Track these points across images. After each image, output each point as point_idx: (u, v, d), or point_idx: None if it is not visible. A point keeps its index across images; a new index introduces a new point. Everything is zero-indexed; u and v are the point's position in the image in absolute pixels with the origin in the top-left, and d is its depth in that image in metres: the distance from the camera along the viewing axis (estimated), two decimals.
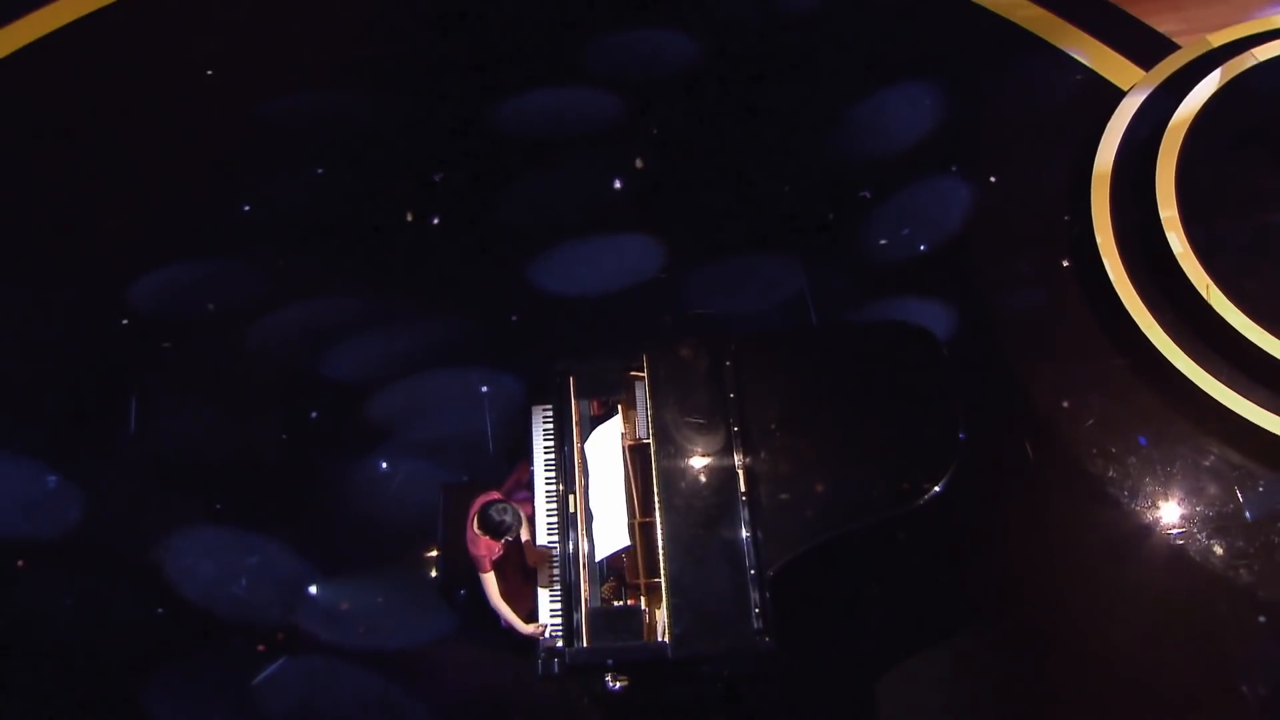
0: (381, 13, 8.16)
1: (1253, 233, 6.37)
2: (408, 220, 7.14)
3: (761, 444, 5.23)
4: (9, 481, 6.38)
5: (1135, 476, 6.10)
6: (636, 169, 7.22)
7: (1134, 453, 6.15)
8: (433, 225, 7.10)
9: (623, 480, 5.18)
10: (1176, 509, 5.98)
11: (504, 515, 4.91)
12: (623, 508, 5.09)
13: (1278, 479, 5.98)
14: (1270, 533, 5.84)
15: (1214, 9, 7.43)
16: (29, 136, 7.61)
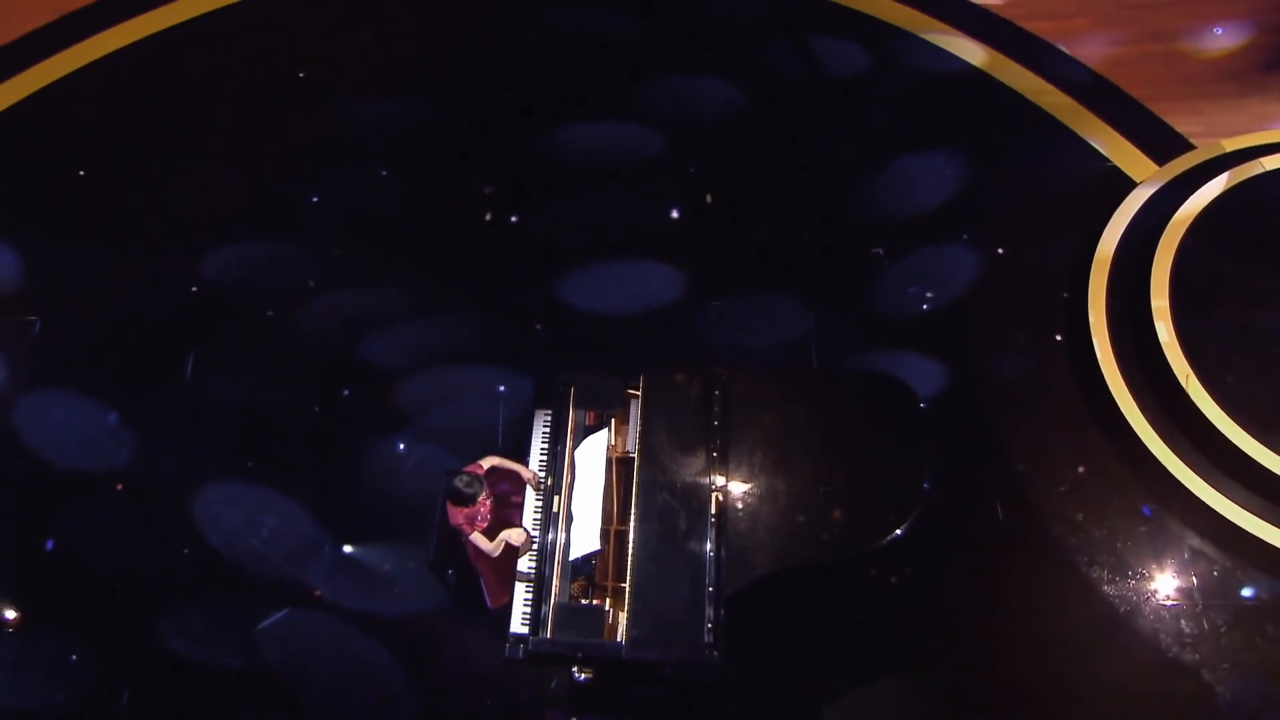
0: (459, 37, 8.24)
1: (1239, 332, 6.16)
2: (486, 220, 7.20)
3: (737, 472, 5.20)
4: (74, 418, 6.59)
5: (1098, 546, 5.91)
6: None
7: (1098, 524, 5.98)
8: (489, 227, 7.18)
9: (603, 488, 5.17)
10: (1131, 581, 5.80)
11: (469, 487, 4.89)
12: (599, 513, 5.10)
13: (1232, 564, 5.79)
14: (1217, 615, 5.65)
15: (1232, 116, 7.24)
16: (140, 118, 7.85)
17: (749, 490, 5.17)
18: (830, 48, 7.95)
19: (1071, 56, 7.69)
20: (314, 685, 5.67)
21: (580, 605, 4.93)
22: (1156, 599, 5.74)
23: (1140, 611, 5.70)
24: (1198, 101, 7.37)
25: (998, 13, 7.96)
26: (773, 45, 8.00)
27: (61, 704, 5.69)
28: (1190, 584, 5.75)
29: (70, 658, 5.80)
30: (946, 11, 7.99)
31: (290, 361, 6.75)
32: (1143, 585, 5.78)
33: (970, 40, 7.84)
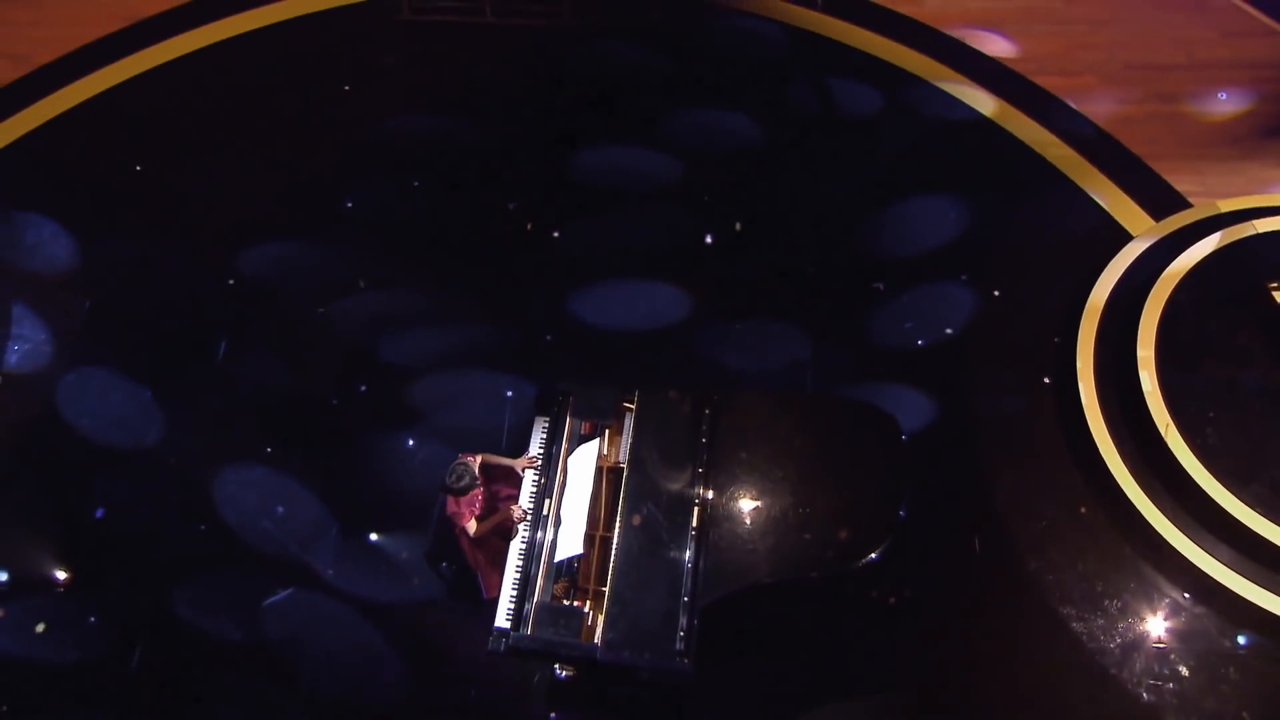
0: (497, 62, 8.30)
1: (1220, 387, 6.04)
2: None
3: (721, 489, 5.15)
4: (112, 395, 6.69)
5: (1069, 585, 5.82)
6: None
7: (1072, 563, 5.90)
8: (508, 239, 7.20)
9: (590, 495, 5.15)
10: (1100, 621, 5.68)
11: (460, 480, 4.96)
12: (584, 518, 5.07)
13: (1201, 611, 5.67)
14: (1181, 660, 5.54)
15: (1229, 179, 7.11)
16: (195, 120, 7.99)
17: (731, 507, 5.12)
18: (848, 89, 7.91)
19: (1079, 112, 7.60)
20: (310, 663, 5.68)
21: (561, 606, 4.89)
22: (1124, 640, 5.61)
23: (1107, 651, 5.56)
24: (1198, 162, 7.25)
25: (1010, 66, 7.90)
26: (793, 84, 7.98)
27: (77, 660, 5.77)
28: (1158, 628, 5.63)
29: (89, 619, 5.92)
30: (961, 62, 7.94)
31: (314, 355, 6.80)
32: (1111, 625, 5.66)
33: (982, 91, 7.78)
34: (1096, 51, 7.91)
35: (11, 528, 6.22)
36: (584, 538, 5.03)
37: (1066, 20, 8.12)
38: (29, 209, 7.46)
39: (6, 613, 5.87)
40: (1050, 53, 7.94)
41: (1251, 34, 7.83)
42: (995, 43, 8.05)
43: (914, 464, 5.82)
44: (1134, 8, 8.11)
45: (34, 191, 7.59)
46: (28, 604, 5.93)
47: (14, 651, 5.80)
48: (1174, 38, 7.89)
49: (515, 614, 4.88)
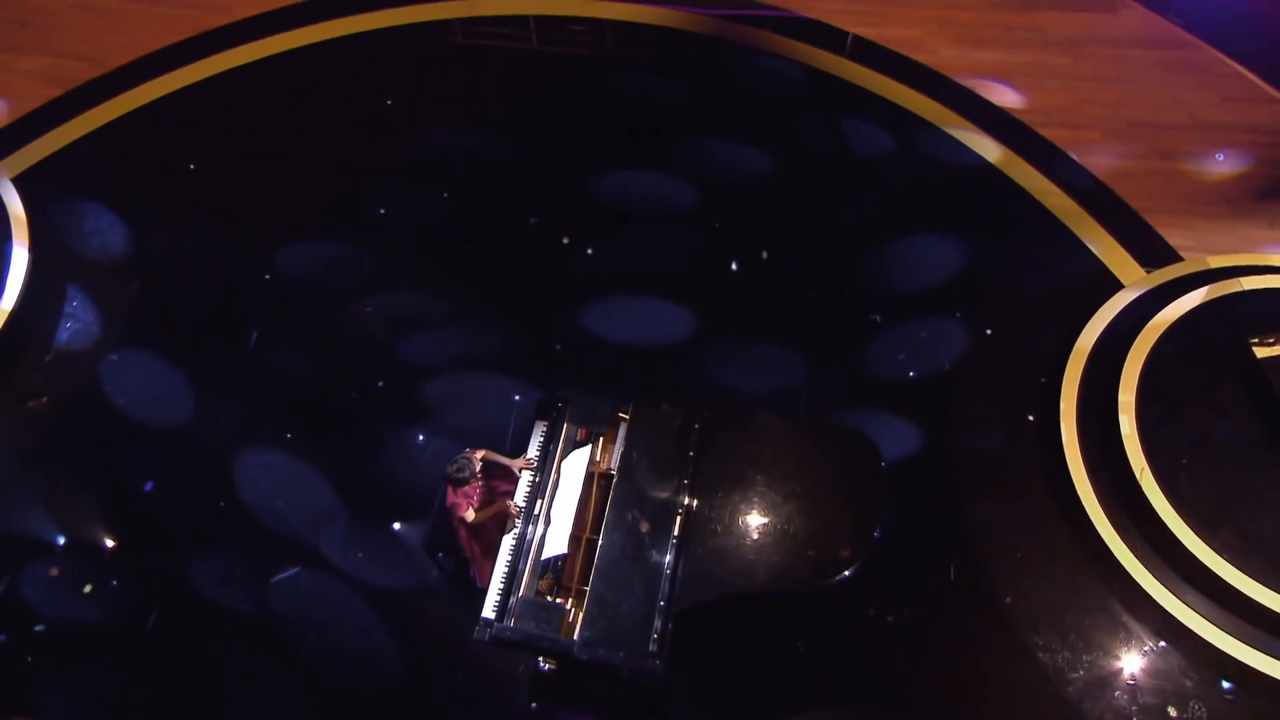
0: (530, 89, 8.36)
1: (1196, 435, 5.93)
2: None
3: (705, 500, 5.14)
4: (149, 376, 6.80)
5: (1038, 616, 5.74)
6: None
7: (1043, 595, 5.81)
8: (528, 253, 7.24)
9: (580, 498, 5.15)
10: (1066, 654, 5.56)
11: (460, 472, 4.98)
12: (572, 520, 5.08)
13: (1164, 651, 5.55)
14: (1144, 696, 5.43)
15: (1221, 236, 7.00)
16: (246, 125, 8.13)
17: (712, 519, 5.09)
18: (860, 130, 7.89)
19: (1080, 164, 7.51)
20: (310, 639, 5.72)
21: (544, 601, 4.90)
22: (1088, 674, 5.51)
23: (1071, 682, 5.46)
24: (1192, 219, 7.14)
25: (1018, 116, 7.84)
26: (808, 121, 7.98)
27: (98, 619, 5.87)
28: (1122, 664, 5.52)
29: (111, 582, 6.02)
30: (970, 110, 7.88)
31: (337, 350, 6.86)
32: (1077, 659, 5.55)
33: (989, 138, 7.73)
34: (1102, 108, 7.84)
35: (57, 494, 6.36)
36: (570, 538, 5.03)
37: (1075, 77, 8.06)
38: (90, 199, 7.65)
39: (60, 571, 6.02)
40: (1057, 106, 7.88)
41: (1252, 100, 7.72)
42: (1005, 94, 8.00)
43: (891, 488, 5.82)
44: (1141, 68, 8.03)
45: (98, 183, 7.78)
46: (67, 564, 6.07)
47: (44, 607, 5.92)
48: (1177, 99, 7.80)
49: (501, 606, 4.89)
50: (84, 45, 8.62)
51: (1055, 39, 8.29)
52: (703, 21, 8.64)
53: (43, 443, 6.59)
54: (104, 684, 5.68)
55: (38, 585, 5.99)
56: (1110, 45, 8.20)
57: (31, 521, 6.25)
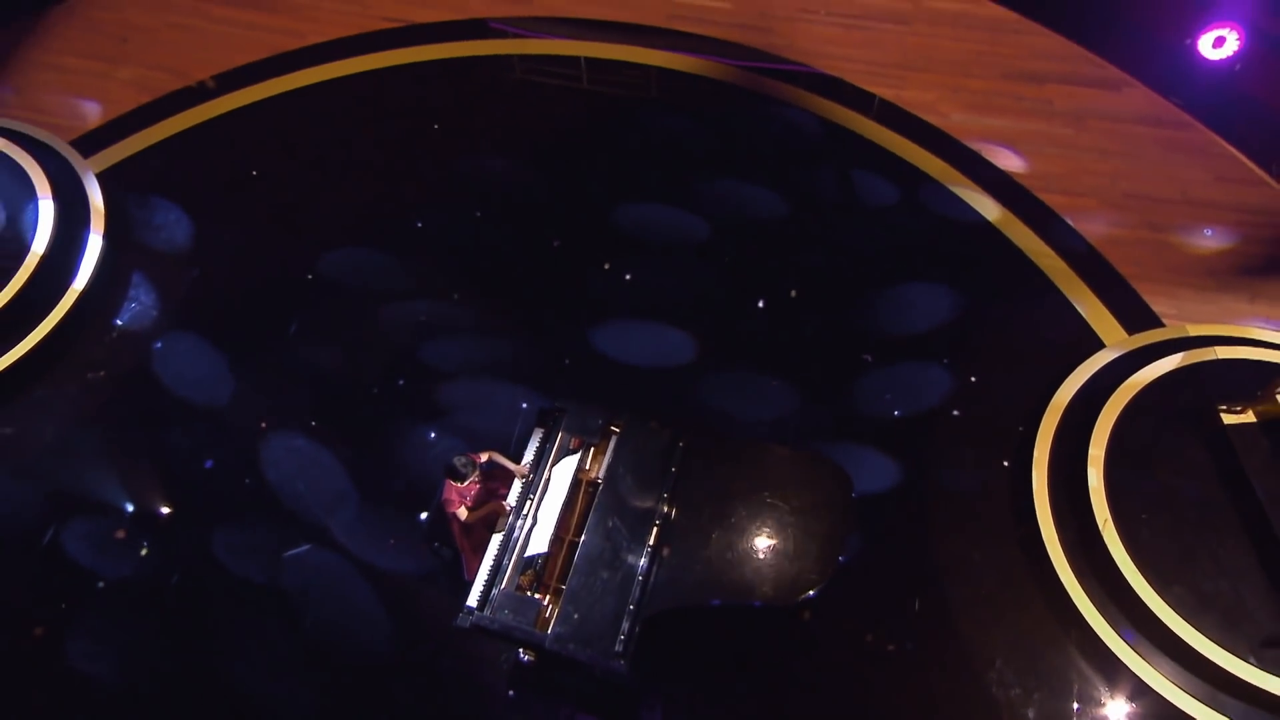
0: (564, 122, 8.46)
1: (1160, 493, 5.78)
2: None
3: (682, 515, 5.13)
4: (196, 358, 6.95)
5: (995, 652, 5.60)
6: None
7: (1002, 632, 5.70)
8: (548, 272, 7.29)
9: (566, 502, 5.16)
10: (1017, 691, 5.44)
11: (464, 467, 5.00)
12: (555, 522, 5.08)
13: (1112, 697, 5.42)
14: None
15: (1203, 307, 6.85)
16: (305, 138, 8.32)
17: (688, 532, 5.07)
18: (869, 181, 7.87)
19: (1074, 229, 7.42)
20: (313, 611, 5.79)
21: (523, 596, 4.90)
22: (1038, 711, 5.39)
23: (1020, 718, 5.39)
24: (1176, 288, 7.00)
25: (1019, 180, 7.78)
26: (821, 171, 7.97)
27: (127, 576, 6.00)
28: (1072, 705, 5.41)
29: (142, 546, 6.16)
30: (975, 171, 7.83)
31: (365, 348, 6.94)
32: (1028, 697, 5.44)
33: (990, 198, 7.68)
34: (1099, 178, 7.75)
35: (106, 458, 6.55)
36: (553, 539, 5.04)
37: (1077, 147, 7.99)
38: (163, 196, 7.89)
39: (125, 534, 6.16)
40: (1057, 173, 7.81)
41: (1243, 181, 7.59)
42: (1009, 158, 7.95)
43: (859, 518, 5.78)
44: (1140, 144, 7.94)
45: (171, 182, 8.01)
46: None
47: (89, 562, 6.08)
48: (1172, 175, 7.69)
49: (483, 597, 4.90)
50: (173, 59, 8.89)
51: (1061, 111, 8.24)
52: (733, 72, 8.72)
53: (97, 411, 6.77)
54: (125, 634, 5.80)
55: (85, 538, 6.14)
56: (1112, 120, 8.12)
57: (82, 480, 6.42)
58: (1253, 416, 5.83)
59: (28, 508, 6.31)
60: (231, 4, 9.34)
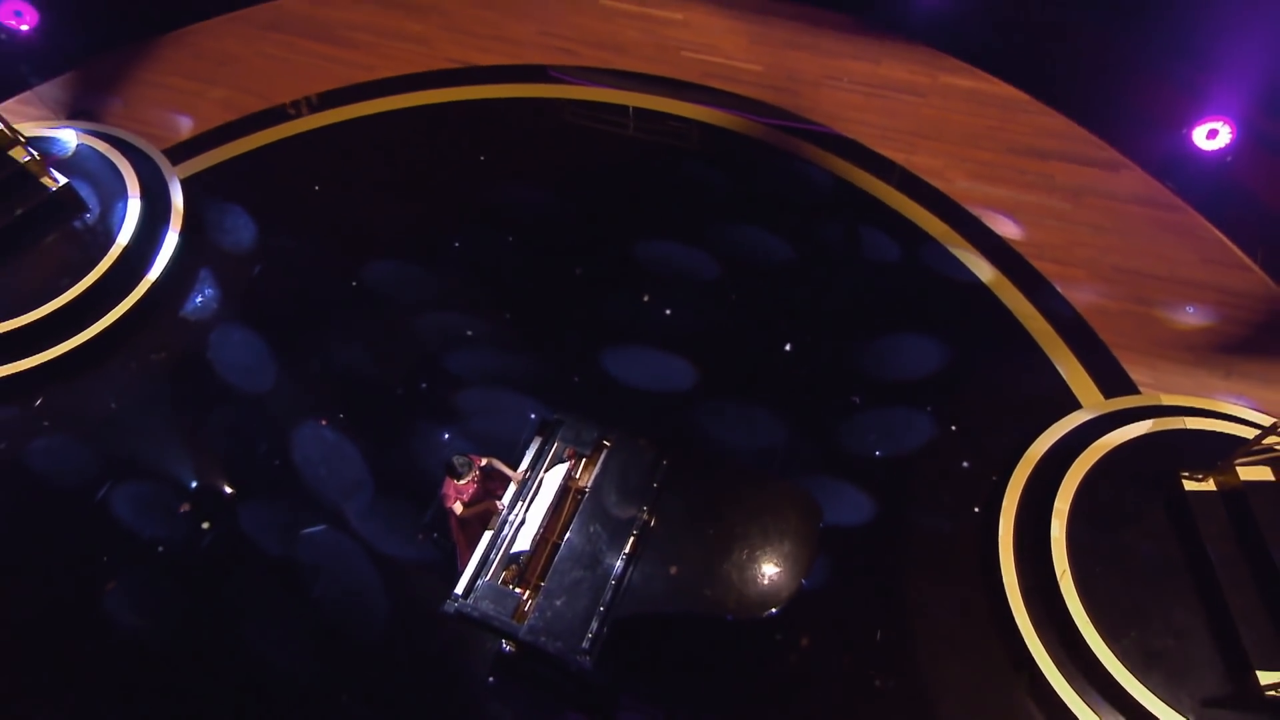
0: (593, 162, 8.59)
1: (1119, 551, 5.66)
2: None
3: (659, 527, 5.14)
4: (245, 348, 7.19)
5: (949, 686, 5.49)
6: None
7: (956, 668, 5.60)
8: (568, 296, 7.39)
9: (553, 506, 5.21)
10: None
11: (462, 466, 5.07)
12: (541, 524, 5.14)
13: None
14: None
15: (1179, 379, 6.69)
16: (364, 160, 8.58)
17: (663, 544, 5.09)
18: (874, 237, 7.85)
19: (1063, 296, 7.34)
20: (321, 586, 5.92)
21: (505, 589, 4.95)
22: None
23: None
24: (1155, 360, 6.86)
25: (1014, 246, 7.73)
26: (830, 223, 7.98)
27: (167, 534, 6.23)
28: None
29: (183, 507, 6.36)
30: (973, 234, 7.77)
31: (395, 352, 7.08)
32: None
33: (985, 261, 7.64)
34: (1091, 250, 7.67)
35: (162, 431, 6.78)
36: (538, 539, 5.09)
37: (1073, 220, 7.92)
38: (235, 202, 8.21)
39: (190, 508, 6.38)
40: (1052, 243, 7.74)
41: (1228, 264, 7.44)
42: (1007, 225, 7.91)
43: (835, 546, 5.76)
44: (1133, 222, 7.84)
45: (243, 190, 8.33)
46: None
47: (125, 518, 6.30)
48: (1161, 254, 7.57)
49: (469, 586, 4.96)
50: (259, 84, 9.28)
51: (1060, 186, 8.19)
52: (758, 127, 8.81)
53: (155, 388, 7.03)
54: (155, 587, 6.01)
55: (131, 499, 6.37)
56: (1108, 198, 8.05)
57: (134, 447, 6.67)
58: (1213, 485, 5.69)
59: (85, 467, 6.58)
60: (315, 39, 9.74)
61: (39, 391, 7.02)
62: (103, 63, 9.47)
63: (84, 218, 7.92)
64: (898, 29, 9.58)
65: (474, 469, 5.19)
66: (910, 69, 9.29)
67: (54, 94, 9.24)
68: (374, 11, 10.01)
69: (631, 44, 9.61)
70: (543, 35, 9.70)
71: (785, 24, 9.78)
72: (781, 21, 9.80)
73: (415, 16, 9.92)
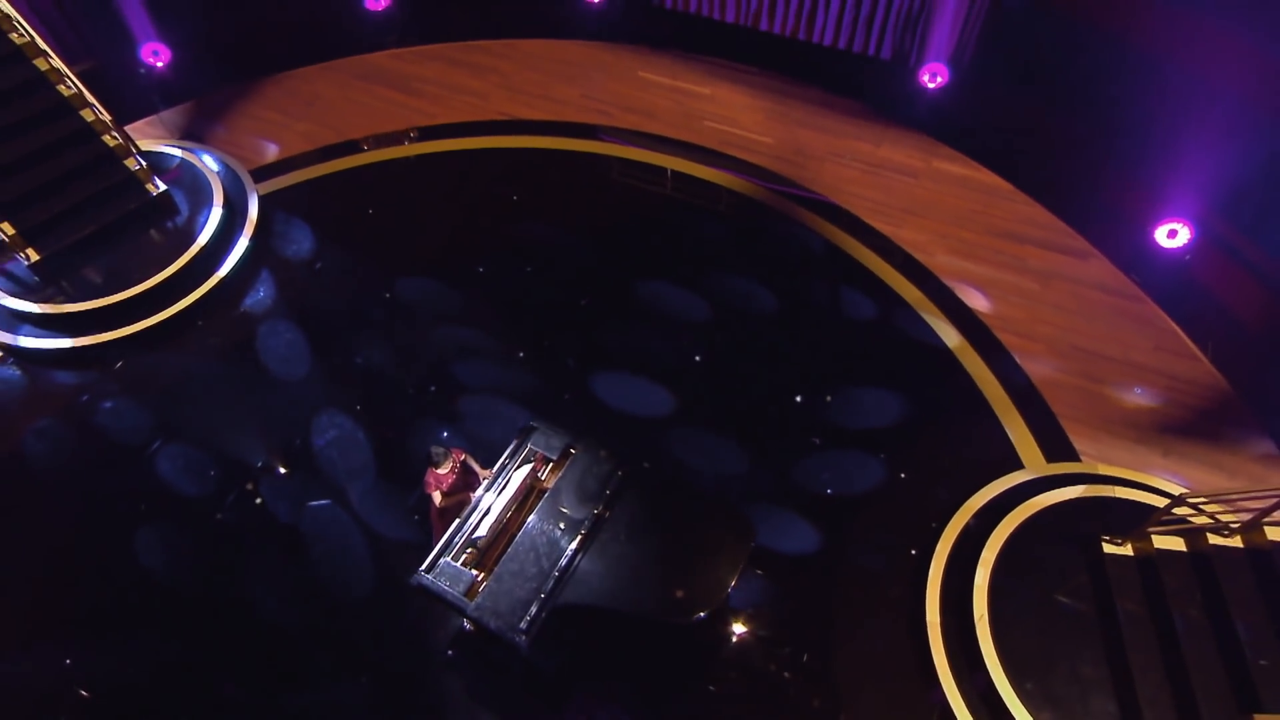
0: (607, 208, 8.81)
1: (1036, 601, 5.57)
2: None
3: (606, 530, 5.22)
4: (284, 341, 7.57)
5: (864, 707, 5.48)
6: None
7: (872, 696, 5.53)
8: (572, 326, 7.55)
9: (517, 502, 5.34)
10: None
11: (441, 457, 5.23)
12: (502, 516, 5.27)
13: None
14: None
15: (1119, 453, 6.56)
16: (410, 191, 8.99)
17: (606, 545, 5.17)
18: (854, 297, 7.93)
19: (1021, 367, 7.31)
20: (317, 551, 6.14)
21: (462, 569, 5.07)
22: None
23: None
24: (1100, 433, 6.75)
25: (981, 318, 7.73)
26: (815, 281, 8.08)
27: (196, 492, 6.54)
28: None
29: (210, 471, 6.69)
30: (946, 303, 7.80)
31: (412, 357, 7.35)
32: None
33: (953, 328, 7.65)
34: (1053, 329, 7.62)
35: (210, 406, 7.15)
36: (498, 529, 5.21)
37: (1039, 300, 7.90)
38: (300, 217, 8.71)
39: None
40: (1016, 318, 7.73)
41: (1178, 353, 7.31)
42: (977, 298, 7.91)
43: (762, 565, 5.77)
44: (1095, 307, 7.78)
45: (309, 208, 8.83)
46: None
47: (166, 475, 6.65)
48: (1118, 338, 7.49)
49: (432, 564, 5.10)
50: (338, 121, 9.86)
51: (1032, 268, 8.19)
52: (761, 191, 9.01)
53: (210, 368, 7.43)
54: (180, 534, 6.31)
55: (173, 459, 6.72)
56: (1075, 283, 8.01)
57: (184, 417, 7.05)
58: (1130, 550, 5.58)
59: (141, 429, 6.98)
60: (390, 88, 10.34)
61: (121, 357, 7.52)
62: (216, 96, 10.20)
63: (175, 219, 8.51)
64: (900, 117, 9.78)
65: (451, 459, 5.38)
66: (908, 153, 9.44)
67: (174, 119, 9.97)
68: (443, 69, 10.61)
69: (662, 111, 9.97)
70: (584, 98, 10.13)
71: (800, 105, 10.06)
72: (796, 103, 10.08)
73: (476, 75, 10.48)
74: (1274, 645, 4.73)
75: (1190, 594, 5.10)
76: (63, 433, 6.99)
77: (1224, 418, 6.83)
